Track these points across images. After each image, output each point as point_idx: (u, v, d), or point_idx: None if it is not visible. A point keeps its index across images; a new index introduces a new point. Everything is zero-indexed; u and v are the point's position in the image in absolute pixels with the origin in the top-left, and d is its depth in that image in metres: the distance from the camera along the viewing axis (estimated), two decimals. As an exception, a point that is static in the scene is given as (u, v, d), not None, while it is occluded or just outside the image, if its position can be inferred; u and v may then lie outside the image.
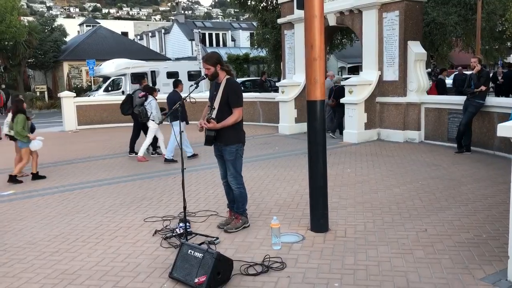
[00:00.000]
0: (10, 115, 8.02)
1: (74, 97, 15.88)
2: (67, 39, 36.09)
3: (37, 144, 7.81)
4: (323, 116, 4.77)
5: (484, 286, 3.51)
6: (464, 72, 16.47)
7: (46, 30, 33.67)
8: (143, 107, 9.29)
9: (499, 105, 8.61)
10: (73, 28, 45.77)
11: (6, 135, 8.37)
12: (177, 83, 9.30)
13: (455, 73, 18.63)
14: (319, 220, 4.84)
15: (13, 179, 7.70)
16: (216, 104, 4.71)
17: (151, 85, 23.87)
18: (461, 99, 9.25)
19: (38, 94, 30.47)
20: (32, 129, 8.05)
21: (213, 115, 4.67)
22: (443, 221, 5.03)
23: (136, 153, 9.63)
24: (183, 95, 6.15)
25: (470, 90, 8.66)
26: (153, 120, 9.19)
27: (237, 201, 4.98)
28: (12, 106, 8.16)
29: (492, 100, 8.85)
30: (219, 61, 4.74)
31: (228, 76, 4.79)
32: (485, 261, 3.94)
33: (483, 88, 8.50)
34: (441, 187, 6.45)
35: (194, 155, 9.43)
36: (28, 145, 7.76)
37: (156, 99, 9.43)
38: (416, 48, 10.39)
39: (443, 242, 4.42)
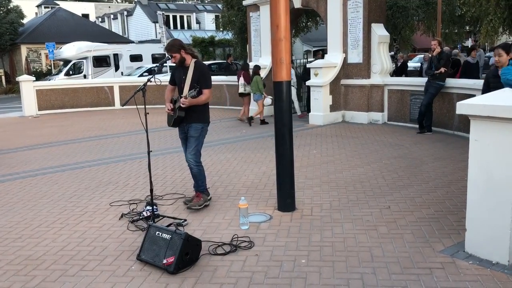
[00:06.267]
0: (241, 78, 11.21)
1: (34, 81, 15.32)
2: (25, 21, 34.56)
3: (269, 100, 10.84)
4: (289, 96, 4.80)
5: (443, 257, 3.66)
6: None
7: (1, 12, 32.13)
8: None
9: (459, 86, 8.89)
10: (30, 9, 43.78)
11: (240, 93, 11.37)
12: (316, 53, 12.15)
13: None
14: (286, 199, 4.91)
15: (250, 121, 11.05)
16: (187, 85, 4.80)
17: (114, 68, 23.50)
18: (423, 81, 9.49)
19: (-6, 78, 29.22)
20: (263, 86, 11.18)
21: (188, 94, 4.71)
22: (405, 198, 5.20)
23: None
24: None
25: (431, 72, 8.90)
26: (293, 86, 11.47)
27: (196, 179, 5.07)
28: (242, 71, 11.41)
29: (452, 82, 9.12)
30: (181, 47, 4.86)
31: (195, 59, 4.90)
32: (444, 235, 4.11)
33: (442, 70, 8.74)
34: (403, 166, 6.64)
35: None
36: (262, 98, 11.02)
37: (293, 69, 11.83)
38: (379, 31, 10.54)
39: (405, 218, 4.58)
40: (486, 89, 5.54)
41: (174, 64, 5.00)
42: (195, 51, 5.04)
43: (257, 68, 11.26)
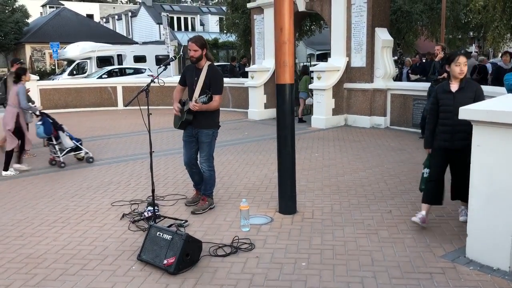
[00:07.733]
0: None
1: (38, 80, 15.36)
2: (29, 20, 34.75)
3: (312, 100, 11.89)
4: (291, 99, 4.81)
5: (444, 262, 3.66)
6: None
7: (6, 11, 32.31)
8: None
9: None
10: (35, 9, 44.02)
11: None
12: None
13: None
14: (287, 202, 4.91)
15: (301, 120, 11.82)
16: (198, 89, 4.74)
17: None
18: (426, 86, 9.49)
19: (-2, 77, 29.31)
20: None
21: (198, 99, 4.64)
22: (407, 202, 5.19)
23: None
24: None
25: (434, 77, 8.90)
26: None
27: (206, 183, 5.02)
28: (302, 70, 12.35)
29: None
30: (205, 46, 4.78)
31: (209, 62, 4.81)
32: (445, 240, 4.10)
33: (445, 75, 8.72)
34: (405, 170, 6.63)
35: None
36: (308, 96, 11.98)
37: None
38: (383, 35, 10.55)
39: (406, 222, 4.57)
40: (434, 107, 4.33)
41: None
42: (211, 56, 4.93)
43: (305, 68, 12.68)
